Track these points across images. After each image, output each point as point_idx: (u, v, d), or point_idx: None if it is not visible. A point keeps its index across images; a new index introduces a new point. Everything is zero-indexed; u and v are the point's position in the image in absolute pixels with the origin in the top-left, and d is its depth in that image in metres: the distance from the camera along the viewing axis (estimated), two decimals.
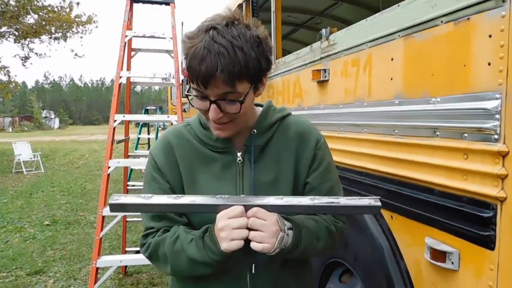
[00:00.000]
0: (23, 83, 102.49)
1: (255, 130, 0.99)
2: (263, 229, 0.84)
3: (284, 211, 0.88)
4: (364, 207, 0.86)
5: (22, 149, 11.57)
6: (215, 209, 0.85)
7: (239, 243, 0.83)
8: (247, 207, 0.84)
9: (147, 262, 3.50)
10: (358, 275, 1.65)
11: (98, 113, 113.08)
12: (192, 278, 0.99)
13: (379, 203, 0.85)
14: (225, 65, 0.79)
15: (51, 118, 65.88)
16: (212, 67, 0.78)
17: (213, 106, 0.85)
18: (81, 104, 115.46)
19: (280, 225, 0.87)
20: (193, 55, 0.80)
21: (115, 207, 0.83)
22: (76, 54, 16.00)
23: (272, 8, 2.68)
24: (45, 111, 69.05)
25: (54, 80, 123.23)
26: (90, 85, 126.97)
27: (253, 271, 0.94)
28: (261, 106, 1.06)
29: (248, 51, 0.81)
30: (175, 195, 0.86)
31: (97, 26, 15.38)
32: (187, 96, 0.90)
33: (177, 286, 1.06)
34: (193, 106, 0.91)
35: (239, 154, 0.98)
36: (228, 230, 0.83)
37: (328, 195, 0.99)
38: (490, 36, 0.98)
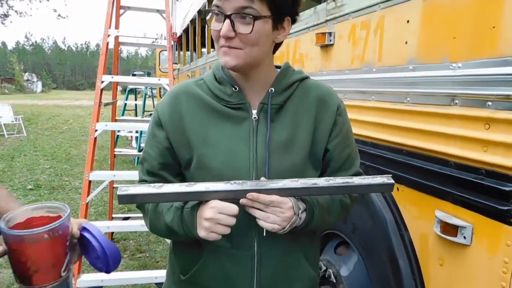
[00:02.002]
0: (3, 43, 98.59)
1: (272, 89, 0.93)
2: (278, 215, 0.82)
3: (299, 194, 0.85)
4: (378, 185, 0.84)
5: (3, 112, 11.17)
6: (232, 195, 0.81)
7: (217, 237, 0.82)
8: (262, 192, 0.80)
9: (134, 229, 3.42)
10: (356, 247, 1.61)
11: (82, 78, 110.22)
12: (194, 247, 0.93)
13: (392, 181, 0.84)
14: None
15: (33, 82, 63.61)
16: None
17: (227, 21, 0.81)
18: (65, 68, 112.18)
19: (295, 209, 0.84)
20: None
21: (124, 198, 0.79)
22: (59, 15, 15.33)
23: None
24: (27, 73, 66.71)
25: (36, 42, 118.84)
26: (74, 49, 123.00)
27: (264, 234, 0.89)
28: (279, 68, 1.00)
29: None
30: (187, 183, 0.81)
31: None
32: (206, 21, 0.87)
33: (178, 252, 1.01)
34: (211, 29, 0.87)
35: (254, 111, 0.92)
36: (213, 223, 0.80)
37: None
38: None
